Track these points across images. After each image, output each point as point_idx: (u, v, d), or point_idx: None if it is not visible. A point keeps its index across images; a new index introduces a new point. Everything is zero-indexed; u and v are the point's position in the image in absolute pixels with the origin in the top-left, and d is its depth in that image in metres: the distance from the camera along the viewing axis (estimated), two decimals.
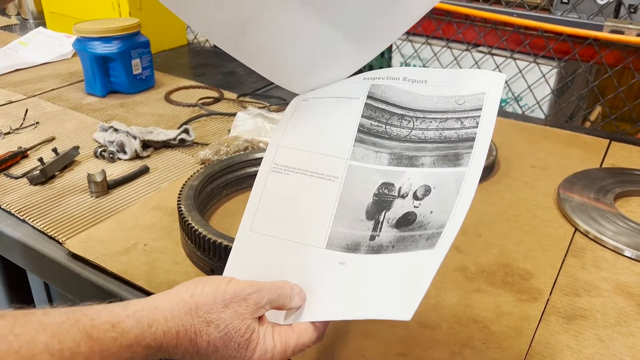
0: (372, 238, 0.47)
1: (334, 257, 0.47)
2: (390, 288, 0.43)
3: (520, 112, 1.28)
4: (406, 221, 0.46)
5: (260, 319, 0.44)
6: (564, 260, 0.70)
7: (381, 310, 0.42)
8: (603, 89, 1.54)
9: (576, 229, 0.76)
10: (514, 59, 1.25)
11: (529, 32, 1.21)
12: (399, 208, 0.47)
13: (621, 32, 1.05)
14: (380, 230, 0.47)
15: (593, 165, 0.93)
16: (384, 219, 0.47)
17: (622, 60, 1.12)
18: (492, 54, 1.27)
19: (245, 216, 0.53)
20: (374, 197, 0.48)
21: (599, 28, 1.08)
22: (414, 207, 0.46)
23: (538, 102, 1.25)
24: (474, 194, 0.44)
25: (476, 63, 1.30)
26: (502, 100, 1.31)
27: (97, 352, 0.36)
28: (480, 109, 0.47)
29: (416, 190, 0.47)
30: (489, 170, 0.90)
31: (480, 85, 0.48)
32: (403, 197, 0.47)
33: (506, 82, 1.28)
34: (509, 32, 1.24)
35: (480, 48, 1.31)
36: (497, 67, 1.27)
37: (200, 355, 0.41)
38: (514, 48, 1.24)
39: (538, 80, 1.23)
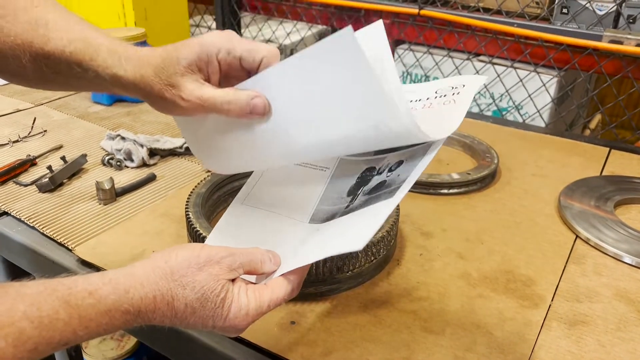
0: (347, 207, 0.50)
1: (313, 227, 0.51)
2: (351, 232, 0.46)
3: (521, 120, 1.30)
4: (377, 188, 0.49)
5: (234, 279, 0.45)
6: (565, 266, 0.71)
7: (339, 247, 0.45)
8: (603, 97, 1.56)
9: (577, 236, 0.77)
10: (515, 68, 1.26)
11: (529, 41, 1.23)
12: (375, 182, 0.50)
13: (620, 42, 1.06)
14: (355, 201, 0.50)
15: (593, 173, 0.94)
16: (360, 192, 0.51)
17: (621, 70, 1.14)
18: (493, 63, 1.29)
19: (241, 191, 0.58)
20: (357, 179, 0.52)
21: (598, 38, 1.10)
22: (387, 177, 0.49)
23: (538, 111, 1.26)
24: (436, 152, 0.46)
25: (477, 72, 1.31)
26: (503, 109, 1.33)
27: (76, 318, 0.37)
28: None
29: (391, 166, 0.50)
30: (491, 178, 0.92)
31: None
32: (380, 173, 0.50)
33: (507, 91, 1.29)
34: (509, 42, 1.26)
35: (481, 57, 1.33)
36: (498, 76, 1.29)
37: (179, 319, 0.43)
38: (515, 57, 1.26)
39: (538, 89, 1.25)
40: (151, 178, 0.89)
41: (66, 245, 0.73)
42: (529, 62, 1.24)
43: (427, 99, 0.53)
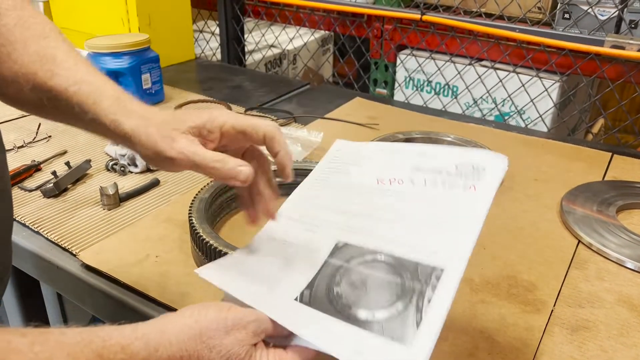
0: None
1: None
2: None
3: (523, 125, 1.30)
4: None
5: (256, 343, 0.46)
6: (567, 272, 0.71)
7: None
8: (606, 102, 1.56)
9: (579, 241, 0.77)
10: (517, 73, 1.27)
11: (531, 47, 1.23)
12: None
13: (622, 47, 1.06)
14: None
15: (595, 178, 0.94)
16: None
17: (623, 75, 1.14)
18: (495, 68, 1.29)
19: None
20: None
21: (600, 43, 1.10)
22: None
23: (541, 116, 1.26)
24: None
25: (479, 77, 1.32)
26: (505, 114, 1.33)
27: None
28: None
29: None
30: None
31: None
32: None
33: (509, 95, 1.30)
34: (511, 47, 1.26)
35: (483, 62, 1.33)
36: (500, 81, 1.29)
37: None
38: (517, 62, 1.26)
39: (541, 94, 1.25)
40: (155, 183, 0.90)
41: (70, 250, 0.73)
42: (531, 67, 1.25)
43: (447, 173, 0.52)
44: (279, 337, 0.47)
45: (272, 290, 0.50)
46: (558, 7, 1.19)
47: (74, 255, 0.72)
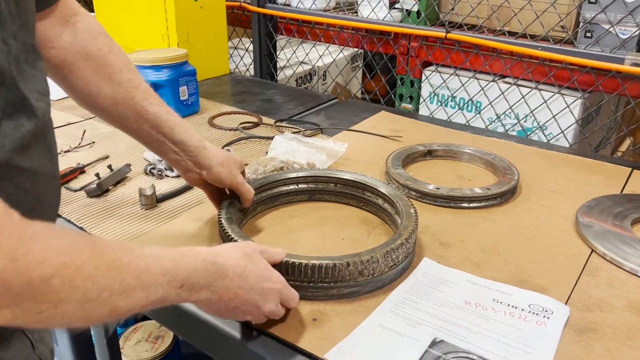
0: None
1: None
2: None
3: (545, 140, 1.32)
4: None
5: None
6: (578, 278, 0.73)
7: None
8: (638, 120, 1.56)
9: (593, 250, 0.79)
10: (539, 89, 1.29)
11: (553, 64, 1.26)
12: None
13: None
14: None
15: (613, 192, 0.96)
16: None
17: None
18: (518, 85, 1.33)
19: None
20: None
21: (621, 61, 1.12)
22: None
23: (562, 131, 1.28)
24: None
25: (502, 93, 1.35)
26: (527, 129, 1.36)
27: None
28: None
29: None
30: (511, 193, 0.95)
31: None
32: None
33: (532, 111, 1.32)
34: (534, 64, 1.29)
35: (507, 79, 1.36)
36: (523, 97, 1.32)
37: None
38: (539, 79, 1.29)
39: (562, 110, 1.27)
40: (189, 186, 0.96)
41: None
42: (553, 84, 1.27)
43: (522, 309, 0.66)
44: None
45: None
46: (580, 26, 1.22)
47: None
